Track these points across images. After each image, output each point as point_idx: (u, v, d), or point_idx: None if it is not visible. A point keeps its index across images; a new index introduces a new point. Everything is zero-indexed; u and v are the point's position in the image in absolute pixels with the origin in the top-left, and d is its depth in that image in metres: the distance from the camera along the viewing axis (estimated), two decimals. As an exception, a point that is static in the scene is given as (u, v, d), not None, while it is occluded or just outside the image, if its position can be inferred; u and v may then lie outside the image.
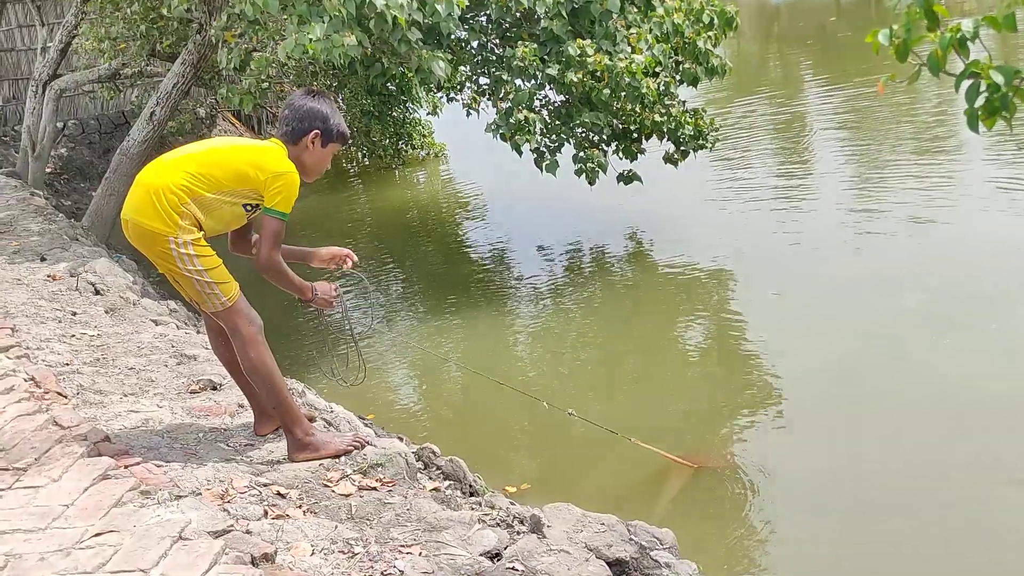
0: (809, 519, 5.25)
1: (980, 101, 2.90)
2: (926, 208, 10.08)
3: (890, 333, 7.35)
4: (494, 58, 9.47)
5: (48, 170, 13.76)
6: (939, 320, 7.47)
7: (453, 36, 8.70)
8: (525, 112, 8.81)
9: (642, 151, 9.98)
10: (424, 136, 16.71)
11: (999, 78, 2.81)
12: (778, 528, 5.21)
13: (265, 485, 3.59)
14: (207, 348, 5.46)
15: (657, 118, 9.35)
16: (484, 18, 9.49)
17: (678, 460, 5.68)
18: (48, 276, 7.12)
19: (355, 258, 4.14)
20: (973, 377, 6.49)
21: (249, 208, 3.73)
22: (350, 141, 4.16)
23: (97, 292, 6.85)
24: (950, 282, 8.15)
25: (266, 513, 3.35)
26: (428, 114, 16.64)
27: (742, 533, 5.24)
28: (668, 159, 10.06)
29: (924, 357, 6.94)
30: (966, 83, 2.91)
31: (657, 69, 9.26)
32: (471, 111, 10.40)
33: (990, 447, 5.67)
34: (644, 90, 8.78)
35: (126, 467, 3.50)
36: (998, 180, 10.48)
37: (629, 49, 8.89)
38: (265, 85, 8.68)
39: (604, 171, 9.41)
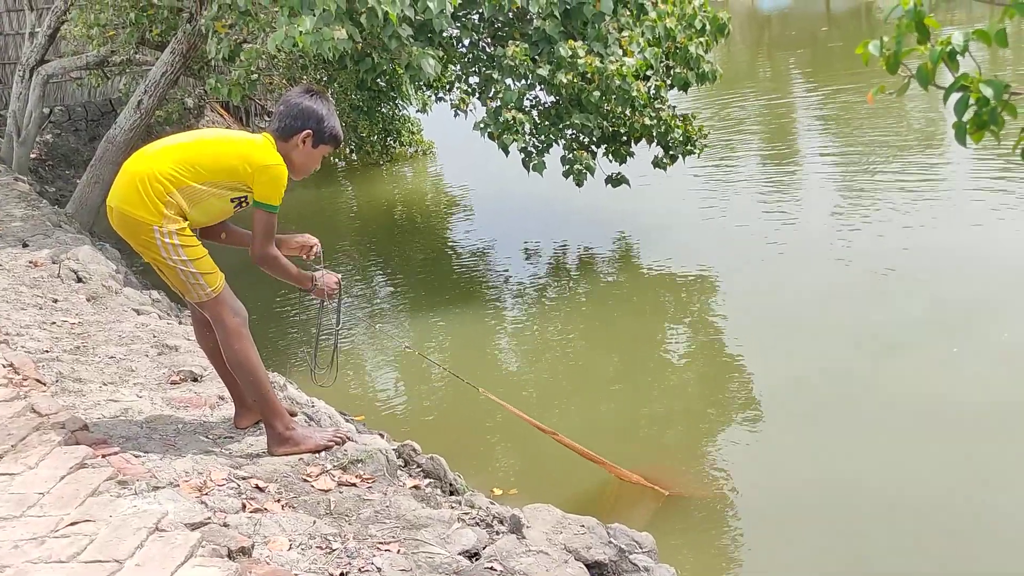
0: (790, 528, 5.23)
1: (969, 115, 2.91)
2: (914, 214, 10.14)
3: (876, 341, 7.36)
4: (485, 57, 9.46)
5: (33, 156, 13.66)
6: (928, 328, 7.50)
7: (444, 33, 8.68)
8: (514, 112, 8.81)
9: (631, 154, 9.99)
10: (413, 133, 16.69)
11: (988, 92, 2.82)
12: (759, 535, 5.21)
13: (244, 478, 3.57)
14: (189, 339, 5.43)
15: (647, 121, 9.36)
16: (476, 16, 9.48)
17: (650, 485, 5.59)
18: (30, 262, 7.07)
19: (318, 248, 4.12)
20: (960, 386, 6.51)
21: (236, 202, 3.71)
22: (342, 143, 4.14)
23: (79, 280, 6.81)
24: (939, 290, 8.19)
25: (244, 506, 3.33)
26: (417, 111, 16.62)
27: (722, 539, 5.24)
28: (657, 163, 10.07)
29: (911, 365, 6.94)
30: (955, 96, 2.92)
31: (648, 73, 9.27)
32: (459, 111, 10.38)
33: (976, 456, 5.68)
34: (634, 93, 8.79)
35: (104, 456, 3.48)
36: (985, 188, 10.59)
37: (620, 52, 8.89)
38: (254, 77, 8.64)
39: (592, 173, 9.41)
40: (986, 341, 7.20)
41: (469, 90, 10.12)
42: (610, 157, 9.95)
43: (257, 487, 3.53)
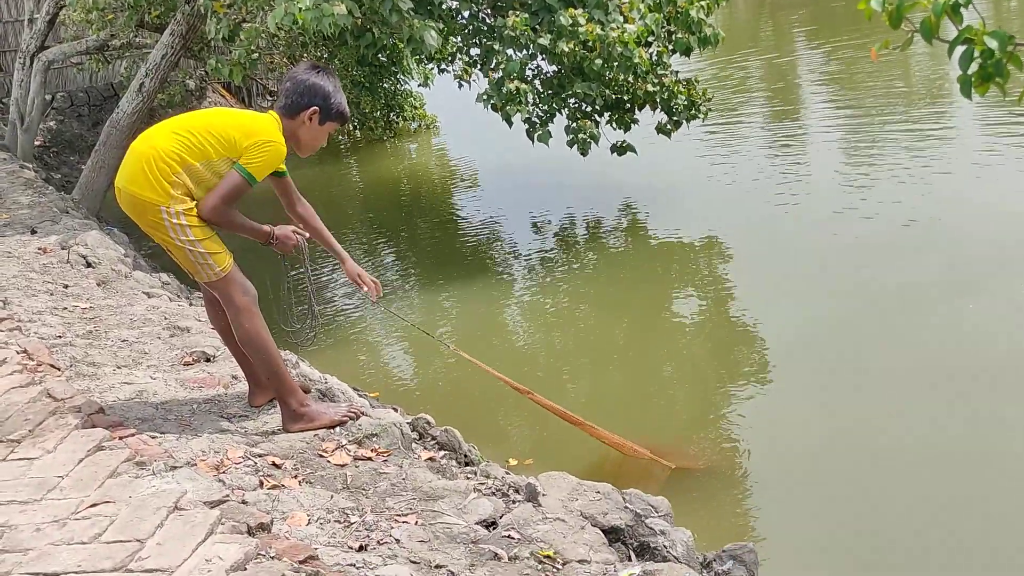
0: (806, 491, 5.22)
1: (974, 67, 2.89)
2: (924, 169, 10.09)
3: (892, 299, 7.33)
4: (485, 28, 9.40)
5: (37, 143, 13.67)
6: (944, 284, 7.45)
7: (444, 5, 8.62)
8: (516, 82, 8.76)
9: (635, 121, 9.95)
10: (416, 108, 16.63)
11: (993, 44, 2.79)
12: (774, 498, 5.20)
13: (260, 455, 3.59)
14: (200, 320, 5.46)
15: (650, 88, 9.31)
16: (476, -13, 9.41)
17: (656, 459, 5.53)
18: (39, 249, 7.09)
19: (378, 292, 4.16)
20: (979, 341, 6.46)
21: None
22: (348, 121, 4.12)
23: (89, 265, 6.83)
24: (954, 245, 8.15)
25: (261, 483, 3.36)
26: (419, 85, 16.56)
27: (737, 503, 5.25)
28: (661, 129, 10.03)
29: (929, 322, 6.90)
30: (959, 49, 2.90)
31: (649, 39, 9.21)
32: (462, 83, 10.34)
33: (996, 413, 5.62)
34: (636, 60, 8.73)
35: (120, 438, 3.51)
36: (996, 140, 10.57)
37: (621, 18, 8.82)
38: (255, 56, 8.61)
39: (596, 142, 9.37)
40: (1004, 295, 7.14)
41: (471, 62, 10.07)
42: (614, 125, 9.91)
43: (274, 464, 3.55)
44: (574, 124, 9.38)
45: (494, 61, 9.06)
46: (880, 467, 5.30)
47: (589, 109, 9.58)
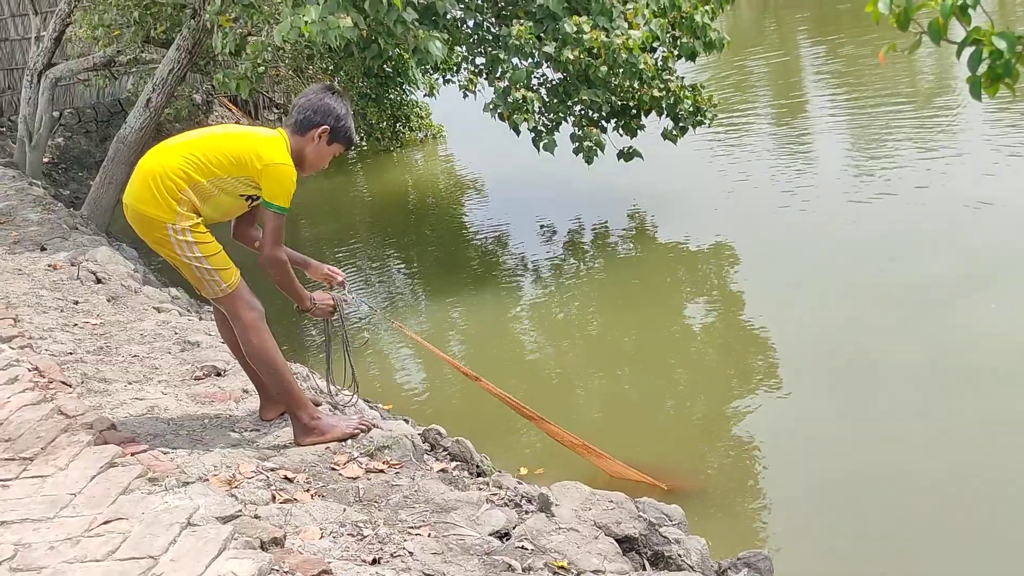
0: (821, 498, 5.18)
1: (982, 68, 2.87)
2: (928, 171, 10.05)
3: (903, 303, 7.27)
4: (490, 37, 9.41)
5: (46, 160, 13.72)
6: (957, 286, 7.40)
7: (449, 15, 8.63)
8: (523, 91, 8.76)
9: (641, 127, 9.93)
10: (422, 118, 16.65)
11: (1002, 44, 2.78)
12: (789, 505, 5.16)
13: (272, 470, 3.59)
14: (210, 335, 5.46)
15: (656, 93, 9.30)
16: (479, -4, 9.42)
17: (648, 480, 5.37)
18: (49, 266, 7.11)
19: (341, 278, 4.21)
20: (996, 344, 6.40)
21: (247, 199, 3.72)
22: (354, 147, 4.16)
23: (98, 281, 6.85)
24: (970, 244, 8.10)
25: (274, 498, 3.36)
26: (425, 95, 16.58)
27: (752, 510, 5.22)
28: (667, 135, 10.01)
29: (943, 326, 6.85)
30: (968, 50, 2.89)
31: (654, 44, 9.20)
32: (467, 93, 10.34)
33: (1019, 422, 5.55)
34: (642, 66, 8.72)
35: (132, 455, 3.50)
36: (1008, 138, 10.52)
37: (626, 25, 8.82)
38: (261, 69, 8.63)
39: (602, 150, 9.34)
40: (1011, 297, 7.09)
41: (476, 71, 10.08)
42: (620, 131, 9.90)
43: (286, 478, 3.55)
44: (580, 132, 9.37)
45: (500, 70, 9.07)
46: (896, 473, 5.25)
47: (596, 116, 9.57)
